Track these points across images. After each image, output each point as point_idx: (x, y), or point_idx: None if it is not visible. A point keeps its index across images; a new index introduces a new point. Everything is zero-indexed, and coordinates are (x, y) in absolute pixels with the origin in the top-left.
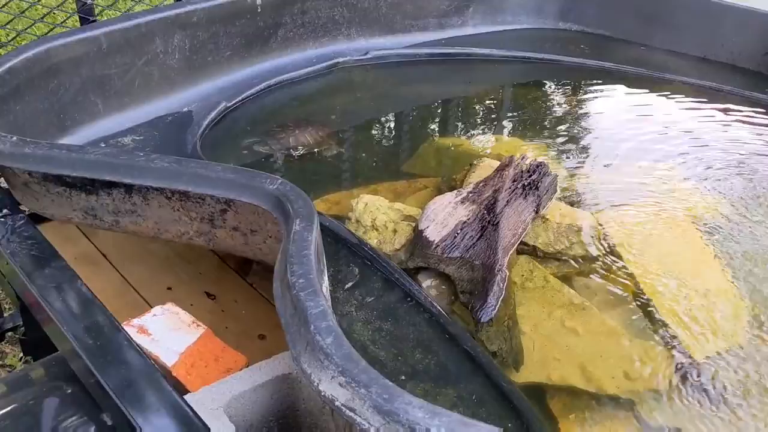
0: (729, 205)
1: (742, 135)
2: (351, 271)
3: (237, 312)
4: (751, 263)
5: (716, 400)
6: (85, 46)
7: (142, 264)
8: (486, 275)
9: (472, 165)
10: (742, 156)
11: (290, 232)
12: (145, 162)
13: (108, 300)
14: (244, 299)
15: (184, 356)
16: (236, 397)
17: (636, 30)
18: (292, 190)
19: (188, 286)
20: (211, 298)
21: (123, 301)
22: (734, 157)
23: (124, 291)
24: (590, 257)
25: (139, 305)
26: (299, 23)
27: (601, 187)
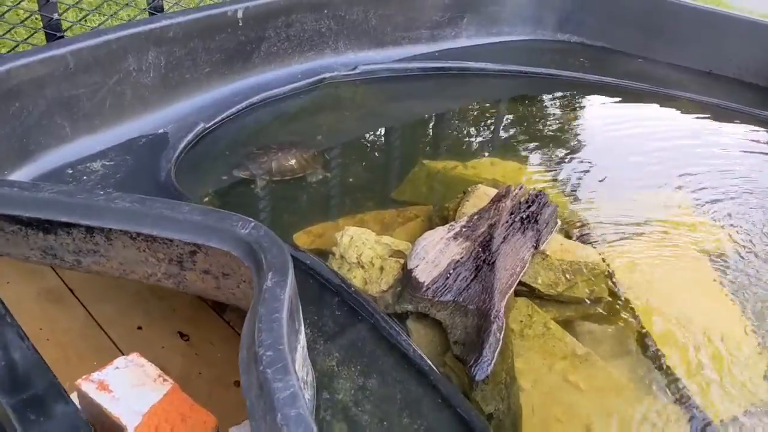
0: (741, 238)
1: (751, 158)
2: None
3: (212, 355)
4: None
5: None
6: (50, 66)
7: (111, 300)
8: (481, 323)
9: (466, 193)
10: (751, 181)
11: (261, 289)
12: (105, 202)
13: (72, 342)
14: (220, 339)
15: (147, 417)
16: None
17: (637, 42)
18: (266, 235)
19: (160, 324)
20: (185, 339)
21: (88, 344)
22: (743, 182)
23: (91, 331)
24: (594, 299)
25: (105, 348)
26: (283, 37)
27: (604, 216)
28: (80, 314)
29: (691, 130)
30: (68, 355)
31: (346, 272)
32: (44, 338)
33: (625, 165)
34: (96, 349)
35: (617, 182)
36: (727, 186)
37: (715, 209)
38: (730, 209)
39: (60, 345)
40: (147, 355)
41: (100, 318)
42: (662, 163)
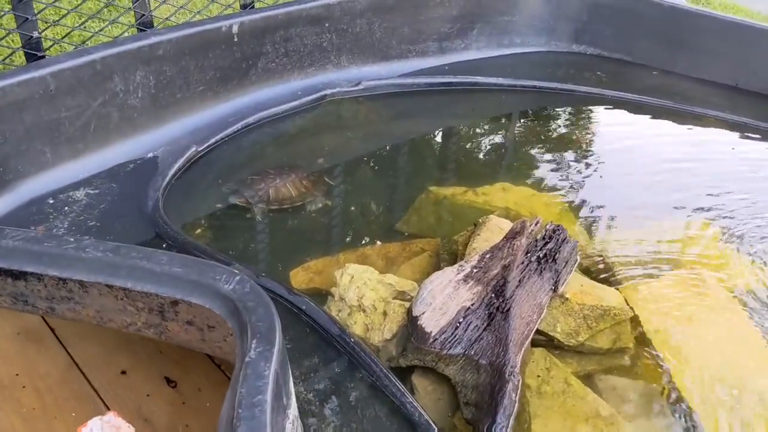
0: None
1: None
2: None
3: (200, 404)
4: None
5: None
6: (29, 89)
7: (94, 340)
8: (494, 382)
9: (477, 225)
10: None
11: (243, 361)
12: (75, 251)
13: (50, 389)
14: (209, 386)
15: None
16: None
17: (658, 54)
18: (252, 292)
19: (146, 368)
20: (172, 385)
21: (67, 391)
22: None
23: (71, 376)
24: (618, 349)
25: (85, 397)
26: (282, 52)
27: (626, 249)
28: (61, 357)
29: (718, 152)
30: (45, 403)
31: (346, 317)
32: (20, 385)
33: (647, 189)
34: (76, 397)
35: (639, 209)
36: (758, 214)
37: (745, 240)
38: (762, 240)
39: (37, 392)
40: (131, 403)
41: (81, 361)
42: (687, 188)
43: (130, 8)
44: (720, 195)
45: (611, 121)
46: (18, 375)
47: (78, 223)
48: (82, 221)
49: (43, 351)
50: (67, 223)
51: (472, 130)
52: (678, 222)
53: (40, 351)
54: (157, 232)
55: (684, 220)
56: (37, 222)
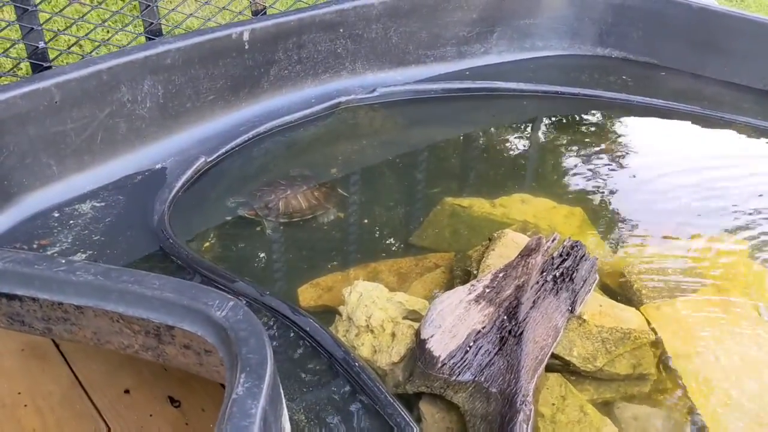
0: None
1: None
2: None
3: (203, 425)
4: None
5: None
6: (33, 101)
7: (99, 357)
8: (505, 411)
9: (492, 240)
10: None
11: (229, 398)
12: (65, 274)
13: (52, 408)
14: (213, 406)
15: None
16: None
17: (686, 57)
18: (244, 320)
19: (149, 388)
20: (175, 405)
21: (69, 411)
22: None
23: (73, 395)
24: (638, 375)
25: (87, 416)
26: (295, 59)
27: (649, 265)
28: (64, 374)
29: (750, 161)
30: (46, 424)
31: (353, 338)
32: (22, 404)
33: (674, 202)
34: (77, 417)
35: (664, 222)
36: None
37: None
38: None
39: (39, 412)
40: (133, 424)
41: (85, 379)
42: (717, 201)
43: (138, 17)
44: (753, 209)
45: (637, 129)
46: (20, 393)
47: (83, 238)
48: (86, 235)
49: (47, 368)
50: (71, 237)
51: (492, 138)
52: (706, 238)
53: (44, 368)
54: (161, 247)
55: (713, 235)
56: (41, 236)
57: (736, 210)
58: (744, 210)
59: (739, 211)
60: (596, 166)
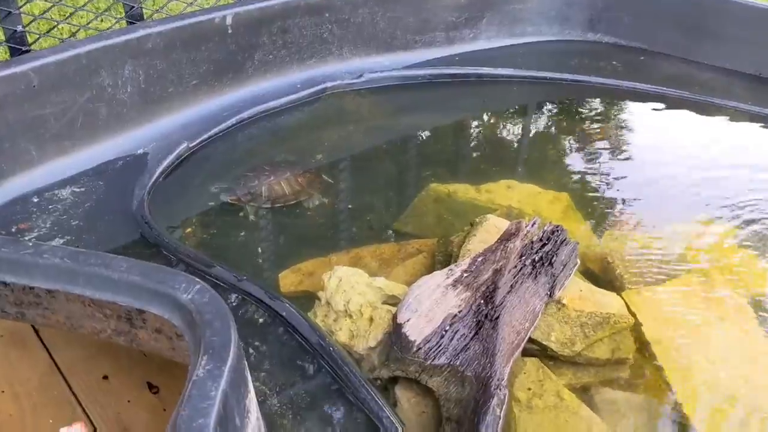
0: None
1: None
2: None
3: None
4: None
5: None
6: (11, 85)
7: (77, 343)
8: (479, 395)
9: (473, 225)
10: None
11: (190, 380)
12: (32, 257)
13: (30, 394)
14: None
15: None
16: None
17: (678, 42)
18: (210, 303)
19: (128, 373)
20: (154, 392)
21: (47, 396)
22: None
23: (51, 381)
24: (617, 360)
25: (65, 402)
26: (280, 44)
27: (633, 252)
28: (43, 360)
29: (739, 147)
30: (23, 409)
31: (332, 322)
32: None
33: (662, 188)
34: (55, 403)
35: (651, 209)
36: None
37: (763, 246)
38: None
39: (16, 398)
40: (110, 409)
41: (63, 365)
42: (704, 187)
43: (118, 0)
44: (739, 195)
45: (626, 114)
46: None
47: (61, 223)
48: (65, 220)
49: (25, 354)
50: (50, 222)
51: (480, 124)
52: (692, 224)
53: (22, 355)
54: (141, 233)
55: (698, 221)
56: (20, 221)
57: (724, 198)
58: (733, 198)
59: (728, 199)
60: (584, 152)
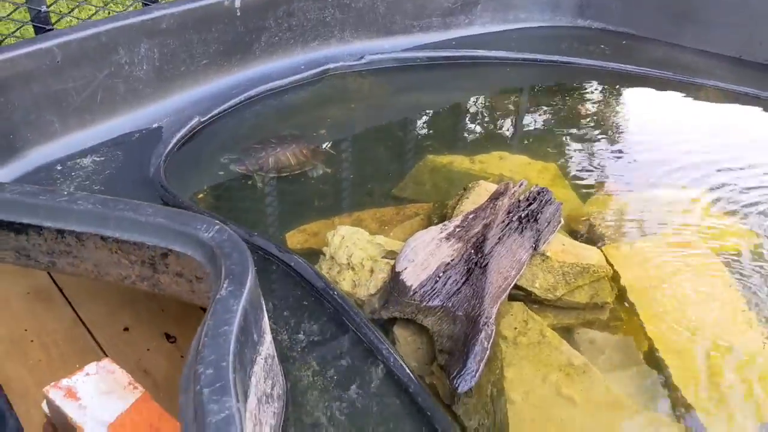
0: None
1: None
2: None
3: None
4: None
5: None
6: (36, 60)
7: (99, 299)
8: (468, 331)
9: (466, 189)
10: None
11: (213, 298)
12: (67, 203)
13: (56, 343)
14: None
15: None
16: None
17: (663, 27)
18: (229, 240)
19: (147, 326)
20: (171, 341)
21: (72, 346)
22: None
23: (76, 333)
24: (597, 305)
25: (89, 350)
26: (285, 27)
27: (615, 214)
28: (67, 315)
29: (719, 122)
30: (51, 356)
31: (335, 274)
32: (29, 339)
33: (646, 159)
34: (80, 351)
35: (635, 179)
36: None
37: (740, 209)
38: (758, 209)
39: (44, 347)
40: (131, 357)
41: (87, 318)
42: (684, 157)
43: None
44: (716, 164)
45: (613, 93)
46: (26, 330)
47: (83, 188)
48: (87, 186)
49: (50, 309)
50: (73, 187)
51: (475, 102)
52: (670, 189)
53: (48, 309)
54: (159, 196)
55: (676, 187)
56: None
57: (702, 166)
58: (709, 167)
59: (704, 167)
60: (572, 128)
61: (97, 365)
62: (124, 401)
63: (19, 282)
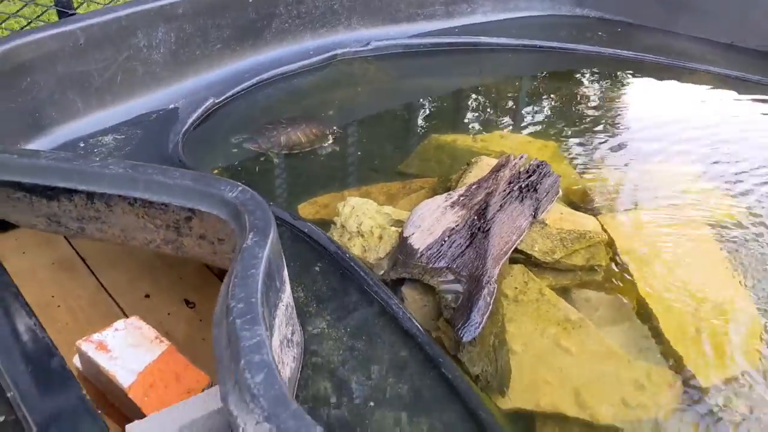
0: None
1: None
2: (327, 284)
3: None
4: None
5: None
6: (60, 42)
7: (121, 268)
8: (472, 289)
9: (470, 164)
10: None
11: (240, 247)
12: (99, 168)
13: (82, 309)
14: None
15: (142, 376)
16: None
17: (658, 15)
18: (252, 198)
19: (167, 292)
20: (190, 306)
21: (97, 310)
22: (763, 156)
23: (100, 299)
24: (592, 267)
25: (113, 314)
26: (295, 14)
27: (611, 188)
28: (91, 282)
29: (711, 103)
30: (78, 319)
31: (346, 241)
32: (56, 305)
33: (642, 138)
34: (104, 315)
35: (631, 155)
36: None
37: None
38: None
39: (71, 311)
40: (152, 320)
41: (109, 286)
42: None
43: None
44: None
45: (608, 77)
46: (53, 297)
47: None
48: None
49: (75, 278)
50: None
51: (477, 85)
52: (665, 165)
53: (72, 277)
54: None
55: (675, 164)
56: None
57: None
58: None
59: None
60: (570, 110)
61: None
62: (151, 353)
63: (44, 254)
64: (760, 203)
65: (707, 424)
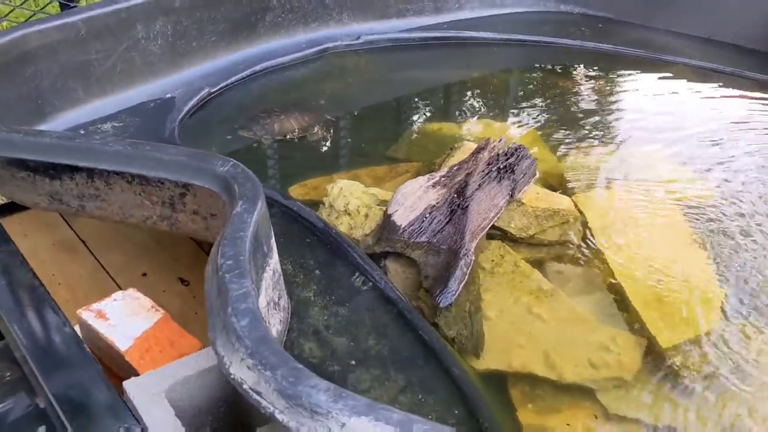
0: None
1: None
2: (314, 258)
3: None
4: (736, 254)
5: (681, 389)
6: (63, 33)
7: (119, 250)
8: (450, 260)
9: (453, 149)
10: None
11: (230, 214)
12: (99, 146)
13: (82, 286)
14: None
15: (138, 341)
16: (180, 382)
17: (639, 11)
18: (243, 173)
19: (163, 272)
20: (185, 284)
21: (96, 288)
22: (734, 142)
23: (99, 278)
24: (565, 242)
25: (111, 291)
26: (287, 8)
27: (588, 173)
28: (90, 262)
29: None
30: (77, 296)
31: (334, 219)
32: (57, 282)
33: (621, 127)
34: (103, 293)
35: (609, 143)
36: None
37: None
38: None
39: (71, 288)
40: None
41: (108, 266)
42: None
43: None
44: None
45: (591, 70)
46: (54, 275)
47: None
48: None
49: (75, 258)
50: None
51: (464, 78)
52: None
53: (72, 258)
54: None
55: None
56: None
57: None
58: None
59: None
60: (553, 101)
61: (123, 293)
62: (147, 321)
63: (45, 235)
64: (729, 184)
65: (668, 381)
